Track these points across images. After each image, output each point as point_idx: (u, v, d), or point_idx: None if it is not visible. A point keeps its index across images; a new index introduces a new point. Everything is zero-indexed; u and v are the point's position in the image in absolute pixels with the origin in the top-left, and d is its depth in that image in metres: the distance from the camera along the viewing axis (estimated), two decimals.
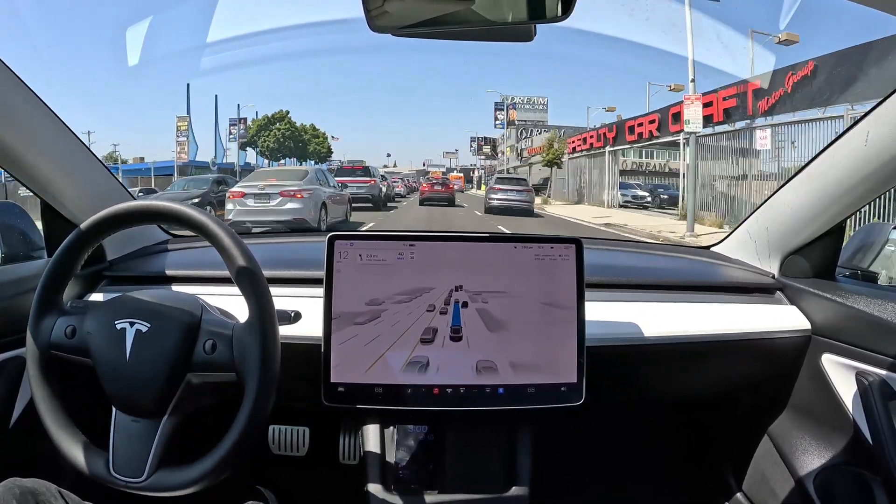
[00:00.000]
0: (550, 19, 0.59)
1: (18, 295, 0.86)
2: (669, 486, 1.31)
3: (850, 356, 0.89)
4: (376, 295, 0.83)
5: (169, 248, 1.16)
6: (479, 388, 0.83)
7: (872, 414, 0.83)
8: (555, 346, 0.84)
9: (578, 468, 1.30)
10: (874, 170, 0.83)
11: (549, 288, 0.85)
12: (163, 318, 0.69)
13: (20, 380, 0.85)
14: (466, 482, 0.90)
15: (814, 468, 0.95)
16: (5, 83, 0.79)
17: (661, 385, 1.07)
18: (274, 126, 35.98)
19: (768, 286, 1.06)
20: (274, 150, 35.31)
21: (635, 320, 0.95)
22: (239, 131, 32.58)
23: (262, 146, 35.04)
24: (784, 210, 1.01)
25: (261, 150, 35.26)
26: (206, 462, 0.66)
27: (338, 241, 0.83)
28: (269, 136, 35.59)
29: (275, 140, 35.55)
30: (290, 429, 1.17)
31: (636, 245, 1.56)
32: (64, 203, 0.96)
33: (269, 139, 35.45)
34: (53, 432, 0.69)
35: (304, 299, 0.90)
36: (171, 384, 0.67)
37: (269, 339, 0.67)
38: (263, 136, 35.43)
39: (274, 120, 36.38)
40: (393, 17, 0.58)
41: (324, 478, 1.21)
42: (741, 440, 1.14)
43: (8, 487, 0.65)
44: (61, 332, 0.70)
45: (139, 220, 0.74)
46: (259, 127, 35.67)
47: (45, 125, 0.88)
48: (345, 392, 0.82)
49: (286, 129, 36.27)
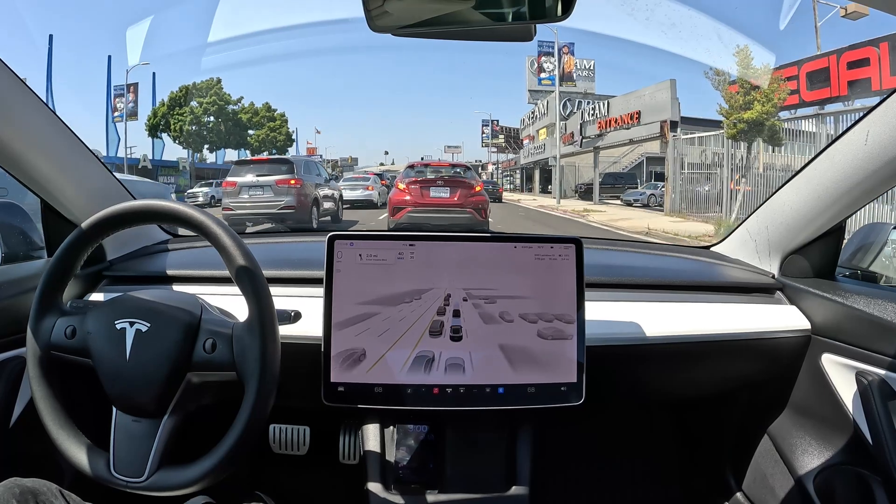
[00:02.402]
0: (550, 19, 0.59)
1: (18, 295, 0.86)
2: (669, 485, 1.31)
3: (850, 356, 0.89)
4: (376, 294, 0.83)
5: (169, 247, 1.16)
6: (479, 388, 0.83)
7: (872, 413, 0.83)
8: (555, 346, 0.84)
9: (578, 468, 1.30)
10: (874, 170, 0.83)
11: (550, 288, 0.85)
12: (163, 317, 0.69)
13: (20, 380, 0.85)
14: (466, 482, 0.91)
15: (814, 468, 0.95)
16: (5, 83, 0.79)
17: (661, 385, 1.07)
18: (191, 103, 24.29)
19: (768, 286, 1.06)
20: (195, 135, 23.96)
21: (635, 320, 0.95)
22: (127, 106, 22.04)
23: (174, 129, 23.80)
24: (784, 210, 1.01)
25: (174, 136, 24.04)
26: (206, 461, 0.66)
27: (338, 241, 0.83)
28: (184, 115, 23.87)
29: (193, 121, 23.87)
30: (291, 428, 1.17)
31: (636, 245, 1.56)
32: (64, 203, 0.96)
33: (183, 119, 23.71)
34: (54, 432, 0.69)
35: (304, 299, 0.90)
36: (172, 384, 0.68)
37: (270, 339, 0.68)
38: (177, 116, 23.81)
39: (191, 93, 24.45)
40: (393, 17, 0.58)
41: (324, 477, 1.21)
42: (741, 440, 1.14)
43: (8, 487, 0.65)
44: (61, 332, 0.70)
45: (139, 220, 0.74)
46: (172, 102, 24.17)
47: (44, 125, 0.88)
48: (345, 391, 0.82)
49: (210, 104, 24.32)
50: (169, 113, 23.76)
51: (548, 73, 25.71)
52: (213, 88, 24.54)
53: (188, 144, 24.55)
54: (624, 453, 1.33)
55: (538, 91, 26.74)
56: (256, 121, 26.75)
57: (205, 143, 24.95)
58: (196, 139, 24.38)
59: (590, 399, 0.84)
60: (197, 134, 24.31)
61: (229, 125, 25.65)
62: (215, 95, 24.65)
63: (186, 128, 23.82)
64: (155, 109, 23.96)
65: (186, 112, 24.15)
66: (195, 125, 24.22)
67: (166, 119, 23.87)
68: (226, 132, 25.27)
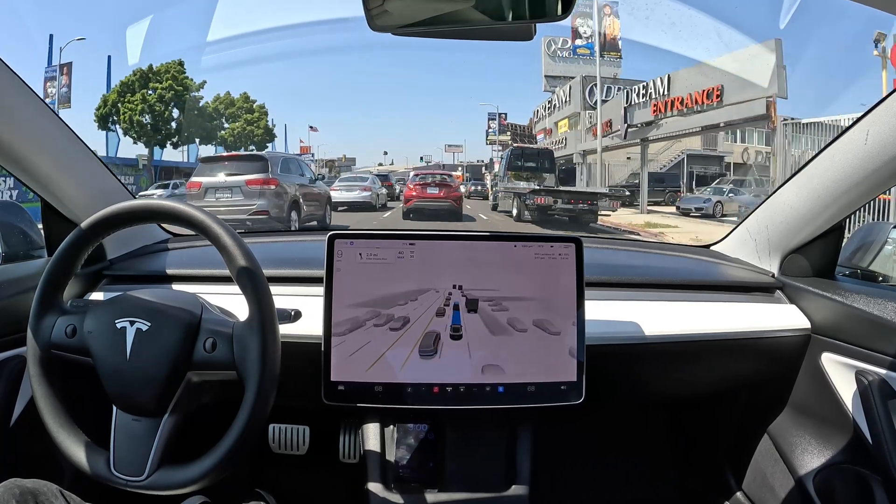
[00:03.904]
0: (550, 18, 0.59)
1: (19, 294, 0.86)
2: (669, 484, 1.31)
3: (850, 355, 0.89)
4: (376, 294, 0.83)
5: (169, 247, 1.16)
6: (479, 387, 0.83)
7: (872, 413, 0.83)
8: (555, 345, 0.84)
9: (578, 467, 1.30)
10: (874, 169, 0.83)
11: (550, 287, 0.85)
12: (163, 316, 0.69)
13: (21, 379, 0.85)
14: (466, 481, 0.91)
15: (813, 467, 0.95)
16: (6, 83, 0.79)
17: (661, 384, 1.07)
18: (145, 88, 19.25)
19: (768, 285, 1.07)
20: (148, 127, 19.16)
21: (635, 319, 0.95)
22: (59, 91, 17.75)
23: (123, 120, 19.15)
24: (784, 209, 1.01)
25: (124, 128, 19.40)
26: (206, 460, 0.66)
27: (338, 240, 0.83)
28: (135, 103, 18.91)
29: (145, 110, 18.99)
30: (291, 427, 1.17)
31: (636, 244, 1.56)
32: (64, 202, 0.96)
33: (133, 109, 18.80)
34: (54, 431, 0.69)
35: (305, 298, 0.90)
36: (172, 383, 0.68)
37: (270, 338, 0.68)
38: (127, 105, 19.00)
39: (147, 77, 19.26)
40: (393, 16, 0.59)
41: (324, 477, 1.21)
42: (741, 439, 1.14)
43: (8, 487, 0.65)
44: (62, 332, 0.70)
45: (139, 220, 0.74)
46: (124, 88, 19.28)
47: (45, 124, 0.88)
48: (345, 391, 0.82)
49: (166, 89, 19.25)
50: (120, 100, 19.00)
51: (585, 38, 20.69)
52: (171, 72, 19.51)
53: (139, 138, 19.78)
54: (624, 453, 1.33)
55: (556, 77, 22.65)
56: (231, 112, 23.07)
57: (159, 136, 19.99)
58: (149, 132, 19.50)
59: (589, 398, 0.84)
60: (151, 126, 19.49)
61: (192, 115, 21.11)
62: (172, 80, 19.52)
63: (137, 118, 18.95)
64: (105, 97, 19.64)
65: (137, 99, 19.24)
66: (148, 115, 19.38)
67: (117, 108, 19.49)
68: (187, 124, 20.59)
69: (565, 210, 10.49)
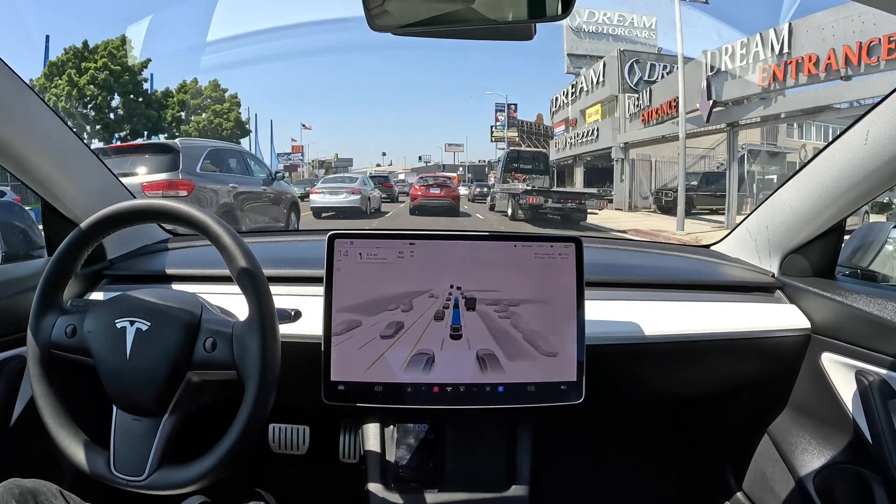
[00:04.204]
0: (550, 18, 0.59)
1: (19, 294, 0.86)
2: (669, 484, 1.31)
3: (850, 355, 0.89)
4: (376, 293, 0.83)
5: (169, 246, 1.16)
6: (479, 387, 0.83)
7: (872, 413, 0.83)
8: (555, 345, 0.84)
9: (578, 467, 1.30)
10: (874, 169, 0.83)
11: (549, 286, 0.85)
12: (163, 316, 0.69)
13: (21, 379, 0.85)
14: (467, 481, 0.91)
15: (814, 467, 0.95)
16: (6, 83, 0.79)
17: (661, 384, 1.07)
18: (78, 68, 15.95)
19: (768, 285, 1.07)
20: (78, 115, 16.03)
21: (635, 319, 0.95)
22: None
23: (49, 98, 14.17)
24: (784, 209, 1.01)
25: None
26: (206, 460, 0.66)
27: (338, 240, 0.83)
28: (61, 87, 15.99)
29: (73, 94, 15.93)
30: (291, 427, 1.17)
31: (636, 244, 1.56)
32: (64, 202, 0.96)
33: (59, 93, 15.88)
34: (54, 431, 0.69)
35: (305, 298, 0.90)
36: (172, 383, 0.68)
37: (270, 338, 0.68)
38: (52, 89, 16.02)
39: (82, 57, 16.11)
40: (393, 16, 0.59)
41: (324, 477, 1.21)
42: (741, 439, 1.14)
43: (8, 487, 0.65)
44: (62, 332, 0.70)
45: (139, 219, 0.74)
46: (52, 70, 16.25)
47: (45, 124, 0.88)
48: (345, 390, 0.82)
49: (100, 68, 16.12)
50: (46, 85, 15.93)
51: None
52: (109, 48, 16.19)
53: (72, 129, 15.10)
54: (624, 452, 1.33)
55: (581, 56, 18.38)
56: (197, 103, 19.97)
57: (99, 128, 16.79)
58: (81, 122, 16.39)
59: (589, 398, 0.84)
60: (83, 115, 16.42)
61: (131, 102, 17.35)
62: (108, 58, 16.24)
63: (62, 104, 15.79)
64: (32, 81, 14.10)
65: (63, 83, 16.03)
66: (77, 100, 16.30)
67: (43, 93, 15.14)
68: (126, 112, 16.97)
69: (555, 209, 11.22)
